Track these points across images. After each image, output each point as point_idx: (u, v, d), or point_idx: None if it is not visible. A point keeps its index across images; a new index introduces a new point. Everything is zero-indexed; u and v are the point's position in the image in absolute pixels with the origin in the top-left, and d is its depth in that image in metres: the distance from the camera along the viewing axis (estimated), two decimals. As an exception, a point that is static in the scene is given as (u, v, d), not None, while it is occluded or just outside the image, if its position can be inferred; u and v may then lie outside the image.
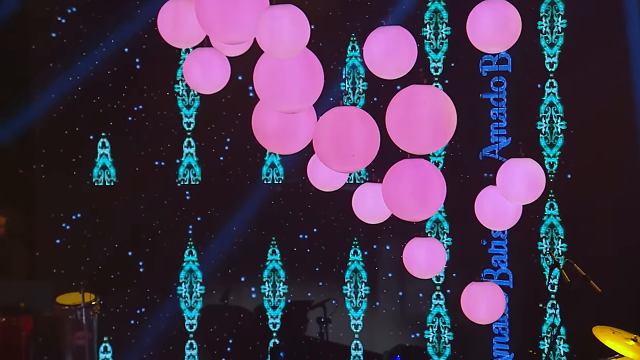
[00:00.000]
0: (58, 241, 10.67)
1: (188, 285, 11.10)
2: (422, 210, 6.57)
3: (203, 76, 6.95)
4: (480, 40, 6.03)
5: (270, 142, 6.92)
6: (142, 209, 10.93)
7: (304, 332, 11.14)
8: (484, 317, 7.65)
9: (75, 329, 9.24)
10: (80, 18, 10.79)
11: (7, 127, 10.37)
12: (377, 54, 6.02)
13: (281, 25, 5.52)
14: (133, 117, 10.92)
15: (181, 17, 6.45)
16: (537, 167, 6.85)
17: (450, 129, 5.96)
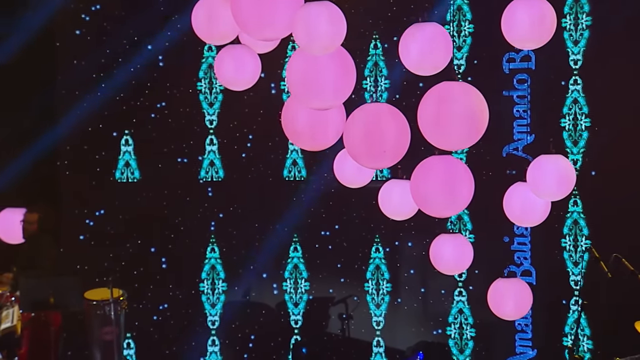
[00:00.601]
0: (82, 237, 10.78)
1: (210, 282, 11.15)
2: (450, 207, 6.58)
3: (235, 72, 6.91)
4: (515, 37, 6.04)
5: (300, 138, 6.88)
6: (164, 206, 11.00)
7: (325, 328, 11.17)
8: (511, 313, 7.58)
9: (103, 324, 9.31)
10: (104, 16, 10.87)
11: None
12: (413, 51, 6.01)
13: (318, 22, 5.55)
14: (156, 114, 10.99)
15: (215, 14, 6.45)
16: (567, 164, 6.86)
17: (483, 125, 5.99)
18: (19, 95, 10.47)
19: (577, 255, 9.87)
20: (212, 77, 11.06)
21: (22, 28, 10.41)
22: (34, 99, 10.70)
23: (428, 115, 5.99)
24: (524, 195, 7.09)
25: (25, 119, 10.53)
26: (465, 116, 5.89)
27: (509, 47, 10.00)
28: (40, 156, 10.67)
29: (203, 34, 6.58)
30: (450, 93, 5.92)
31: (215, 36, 6.56)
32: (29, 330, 8.51)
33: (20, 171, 10.19)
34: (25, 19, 10.41)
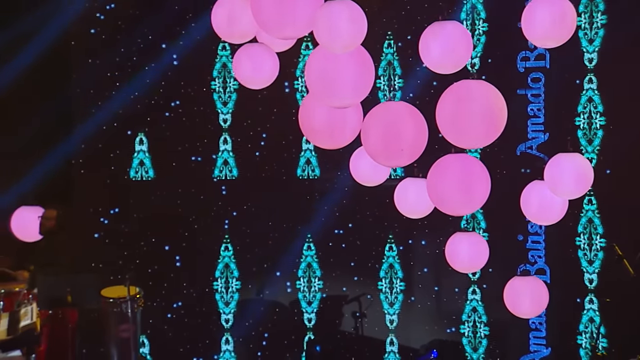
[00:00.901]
0: (96, 235, 10.81)
1: (224, 280, 11.17)
2: (467, 205, 6.59)
3: (253, 71, 6.94)
4: (535, 35, 6.05)
5: (317, 136, 6.88)
6: (178, 204, 11.05)
7: (339, 326, 11.21)
8: (527, 311, 7.60)
9: (120, 322, 9.32)
10: (119, 15, 10.91)
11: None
12: (434, 49, 6.02)
13: (339, 21, 5.56)
14: (170, 113, 11.03)
15: (236, 13, 6.45)
16: (585, 162, 6.88)
17: (502, 123, 6.02)
18: (35, 94, 10.49)
19: (592, 253, 9.89)
20: (225, 76, 11.08)
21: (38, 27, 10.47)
22: (49, 97, 10.73)
23: (447, 113, 6.01)
24: (541, 193, 7.12)
25: (40, 118, 10.53)
26: (484, 114, 5.93)
27: (523, 46, 10.13)
28: (55, 155, 10.71)
29: (222, 32, 6.60)
30: (469, 91, 5.95)
31: (235, 35, 6.58)
32: (47, 328, 8.54)
33: (36, 170, 10.21)
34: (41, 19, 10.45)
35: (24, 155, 10.22)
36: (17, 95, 10.31)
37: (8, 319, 7.72)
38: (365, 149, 6.56)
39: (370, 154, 6.65)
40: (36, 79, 10.41)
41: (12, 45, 10.23)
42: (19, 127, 10.24)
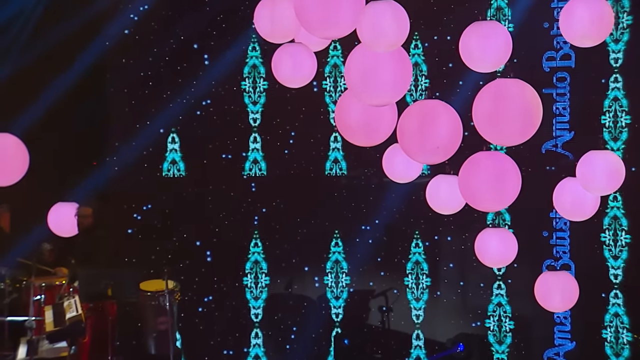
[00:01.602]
0: (130, 231, 10.90)
1: (254, 276, 11.24)
2: (499, 201, 6.62)
3: (293, 70, 6.95)
4: (574, 34, 6.06)
5: (354, 134, 6.88)
6: (209, 200, 11.15)
7: (366, 320, 11.24)
8: (558, 305, 7.67)
9: (158, 314, 9.40)
10: (152, 16, 10.98)
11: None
12: (475, 48, 6.06)
13: (383, 21, 5.62)
14: (201, 112, 11.10)
15: (278, 14, 6.49)
16: (617, 159, 6.89)
17: (537, 121, 6.04)
18: (72, 93, 10.55)
19: (617, 249, 9.90)
20: (255, 76, 11.14)
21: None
22: (85, 96, 10.80)
23: (484, 111, 6.05)
24: (574, 190, 7.15)
25: (76, 117, 10.63)
26: (521, 112, 5.95)
27: (548, 46, 10.16)
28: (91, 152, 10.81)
29: (265, 32, 6.63)
30: (507, 90, 5.99)
31: (277, 35, 6.61)
32: (90, 320, 8.62)
33: (72, 167, 10.28)
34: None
35: (62, 153, 10.29)
36: (52, 92, 10.37)
37: (52, 311, 7.78)
38: (401, 147, 6.59)
39: (407, 151, 6.68)
40: (73, 79, 10.48)
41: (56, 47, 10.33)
42: (58, 126, 10.31)
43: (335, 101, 11.10)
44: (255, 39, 11.12)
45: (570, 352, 10.22)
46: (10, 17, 10.47)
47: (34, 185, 8.19)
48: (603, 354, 9.98)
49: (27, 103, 10.03)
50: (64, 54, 10.29)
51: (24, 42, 10.42)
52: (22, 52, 10.40)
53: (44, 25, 10.39)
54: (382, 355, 11.08)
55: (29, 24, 10.47)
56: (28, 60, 10.22)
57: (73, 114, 10.62)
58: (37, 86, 10.20)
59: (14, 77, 10.15)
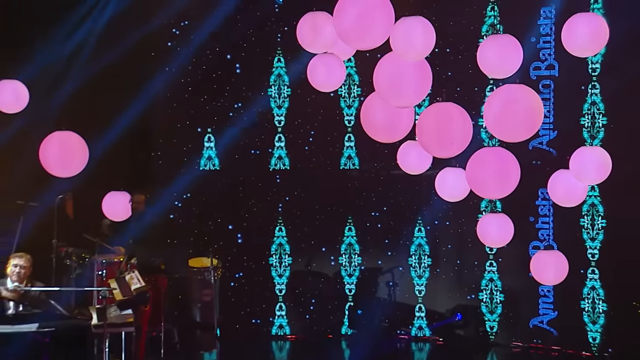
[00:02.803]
0: (172, 216, 10.90)
1: (278, 256, 11.30)
2: (502, 190, 6.75)
3: (327, 77, 6.98)
4: (575, 46, 6.16)
5: (378, 132, 6.97)
6: (240, 190, 11.18)
7: (375, 293, 11.29)
8: (552, 279, 7.68)
9: (203, 287, 9.44)
10: (191, 29, 11.01)
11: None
12: (491, 57, 6.12)
13: (414, 34, 5.74)
14: (233, 113, 11.13)
15: (319, 26, 6.56)
16: (605, 154, 7.02)
17: (540, 120, 6.17)
18: (123, 97, 10.58)
19: (594, 232, 10.00)
20: (280, 84, 11.20)
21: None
22: (133, 99, 10.77)
23: (494, 111, 6.18)
24: (566, 180, 7.24)
25: (127, 117, 10.63)
26: (527, 113, 6.08)
27: (535, 57, 10.26)
28: (139, 148, 10.87)
29: (306, 43, 6.71)
30: (515, 94, 6.12)
31: (317, 45, 6.69)
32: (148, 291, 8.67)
33: (123, 161, 10.29)
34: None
35: (114, 149, 10.29)
36: (105, 95, 10.41)
37: (117, 283, 7.83)
38: (420, 143, 6.68)
39: (424, 147, 6.79)
40: (122, 82, 10.49)
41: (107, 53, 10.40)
42: (112, 125, 10.32)
43: (349, 105, 11.18)
44: (280, 52, 11.18)
45: (553, 320, 10.32)
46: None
47: (92, 176, 8.30)
48: (581, 321, 10.06)
49: (90, 107, 10.06)
50: (119, 64, 10.27)
51: (89, 56, 10.44)
52: (86, 64, 10.41)
53: (105, 42, 10.43)
54: (389, 323, 11.13)
55: (90, 40, 10.49)
56: (92, 71, 10.26)
57: (124, 115, 10.61)
58: (98, 92, 10.23)
59: (81, 87, 10.20)
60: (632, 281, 9.55)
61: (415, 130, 6.52)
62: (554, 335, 10.34)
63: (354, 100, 11.16)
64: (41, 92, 9.34)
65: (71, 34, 10.32)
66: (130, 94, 10.71)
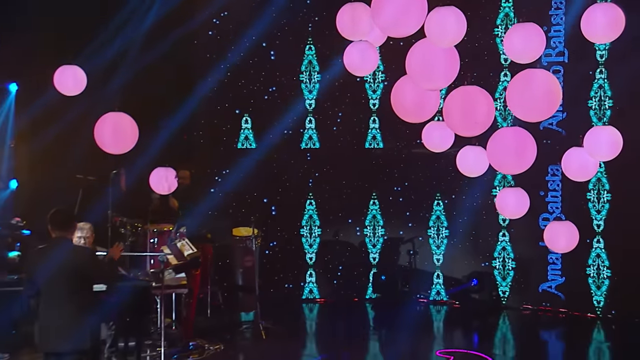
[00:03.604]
0: (212, 190, 10.89)
1: (308, 228, 11.43)
2: (520, 166, 6.82)
3: (361, 62, 6.97)
4: (594, 34, 6.20)
5: (407, 113, 6.98)
6: (274, 167, 11.26)
7: (397, 261, 11.40)
8: (563, 247, 7.63)
9: (244, 254, 9.52)
10: (230, 20, 11.10)
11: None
12: (517, 44, 6.17)
13: (448, 22, 5.81)
14: (268, 97, 11.23)
15: (357, 17, 6.56)
16: (616, 132, 7.00)
17: (558, 102, 6.21)
18: (170, 82, 10.64)
19: (600, 205, 10.09)
20: (311, 70, 11.28)
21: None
22: (179, 83, 10.89)
23: (516, 93, 6.24)
24: (579, 157, 7.23)
25: (171, 100, 10.76)
26: (546, 95, 6.13)
27: (546, 45, 10.24)
28: (184, 128, 10.95)
29: (345, 31, 6.69)
30: (535, 77, 6.17)
31: (356, 33, 6.68)
32: (198, 258, 8.78)
33: (170, 141, 10.37)
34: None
35: (159, 128, 10.24)
36: (153, 80, 10.36)
37: (170, 250, 7.95)
38: (447, 123, 6.71)
39: (451, 127, 6.84)
40: (168, 68, 10.52)
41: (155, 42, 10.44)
42: (157, 107, 10.37)
43: (374, 90, 11.27)
44: (311, 40, 11.26)
45: (561, 285, 10.43)
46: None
47: (141, 153, 8.37)
48: (587, 286, 10.18)
49: (142, 92, 10.10)
50: (166, 52, 10.31)
51: (141, 46, 10.48)
52: (138, 53, 10.46)
53: (155, 34, 10.43)
54: (409, 288, 11.26)
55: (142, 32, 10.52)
56: (143, 58, 10.30)
57: (171, 98, 10.73)
58: (148, 77, 10.22)
59: (135, 75, 10.25)
60: (634, 249, 9.66)
61: (442, 111, 6.61)
62: (562, 299, 10.43)
63: (378, 85, 11.24)
64: (99, 77, 9.43)
65: (126, 27, 10.39)
66: (176, 79, 10.79)
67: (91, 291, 5.85)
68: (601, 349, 9.37)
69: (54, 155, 9.69)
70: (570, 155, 7.38)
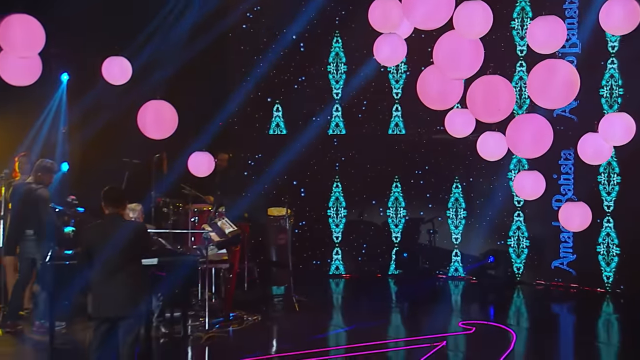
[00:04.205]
0: (245, 173, 11.20)
1: (335, 209, 11.57)
2: (536, 150, 6.94)
3: (391, 53, 7.11)
4: (611, 25, 6.30)
5: (432, 100, 7.11)
6: (303, 152, 11.25)
7: (417, 240, 11.50)
8: (577, 226, 7.85)
9: (278, 232, 9.66)
10: (262, 14, 11.24)
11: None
12: (539, 35, 6.29)
13: (476, 16, 5.93)
14: (298, 86, 11.35)
15: (388, 11, 6.72)
16: (630, 119, 7.13)
17: (576, 90, 6.31)
18: (205, 71, 10.79)
19: (610, 187, 10.17)
20: (338, 62, 11.38)
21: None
22: (214, 73, 11.03)
23: (537, 82, 6.35)
24: (594, 141, 7.36)
25: (209, 89, 10.92)
26: (566, 83, 6.24)
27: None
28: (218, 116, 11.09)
29: (377, 24, 6.86)
30: (556, 67, 6.29)
31: (387, 26, 6.85)
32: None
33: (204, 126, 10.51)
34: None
35: (198, 115, 10.44)
36: (192, 71, 10.58)
37: (212, 228, 8.14)
38: (471, 110, 6.85)
39: (474, 113, 6.98)
40: (205, 60, 10.66)
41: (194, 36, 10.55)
42: (194, 95, 10.48)
43: (396, 80, 11.35)
44: (338, 33, 11.36)
45: (572, 262, 10.53)
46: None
47: (181, 138, 8.50)
48: (597, 263, 10.29)
49: (182, 82, 10.25)
50: (204, 45, 10.43)
51: (182, 40, 10.63)
52: (180, 47, 10.60)
53: (195, 30, 10.59)
54: (429, 265, 11.38)
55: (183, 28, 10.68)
56: (186, 53, 10.44)
57: (207, 87, 10.87)
58: (188, 70, 10.43)
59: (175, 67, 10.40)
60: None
61: (466, 99, 6.72)
62: (573, 275, 10.53)
63: (400, 75, 11.33)
64: (144, 68, 9.56)
65: (168, 23, 10.54)
66: (213, 69, 10.95)
67: (141, 263, 5.95)
68: (610, 321, 9.46)
69: (103, 140, 9.83)
70: (586, 140, 7.52)
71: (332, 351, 7.56)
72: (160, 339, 7.64)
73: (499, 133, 7.85)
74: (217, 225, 8.13)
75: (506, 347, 7.66)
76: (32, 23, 6.61)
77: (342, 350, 7.70)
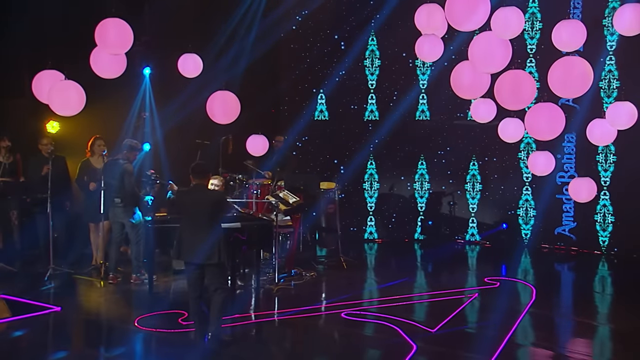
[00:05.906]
0: (294, 153, 11.27)
1: (369, 183, 11.75)
2: (551, 134, 7.12)
3: (431, 49, 7.37)
4: (623, 27, 6.49)
5: (464, 90, 7.29)
6: (342, 135, 11.58)
7: (439, 210, 11.70)
8: (585, 197, 8.05)
9: (328, 203, 9.86)
10: (310, 17, 11.40)
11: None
12: (564, 36, 6.52)
13: (512, 19, 6.15)
14: (339, 78, 11.50)
15: (432, 13, 6.96)
16: (632, 106, 7.32)
17: (590, 82, 6.52)
18: (260, 67, 10.96)
19: (607, 164, 10.35)
20: (373, 58, 11.53)
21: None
22: (268, 69, 11.26)
23: (557, 75, 6.55)
24: (601, 127, 7.59)
25: (263, 82, 11.12)
26: (582, 77, 6.46)
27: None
28: (272, 105, 11.32)
29: (422, 26, 7.08)
30: (573, 63, 6.50)
31: (430, 27, 7.06)
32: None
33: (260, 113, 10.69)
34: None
35: (256, 104, 10.50)
36: (252, 66, 10.79)
37: (276, 199, 8.41)
38: (498, 99, 7.06)
39: (501, 101, 7.18)
40: (262, 58, 10.85)
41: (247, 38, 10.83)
42: (254, 87, 10.68)
43: (423, 73, 11.52)
44: (373, 33, 11.54)
45: (573, 229, 10.74)
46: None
47: (242, 123, 8.75)
48: (594, 229, 10.51)
49: (244, 75, 10.48)
50: (262, 46, 10.76)
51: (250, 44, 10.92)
52: (244, 45, 10.86)
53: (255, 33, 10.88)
54: (449, 231, 11.60)
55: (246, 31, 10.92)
56: (247, 50, 10.73)
57: (263, 80, 11.12)
58: (249, 65, 10.71)
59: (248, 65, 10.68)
60: (634, 200, 9.99)
61: (494, 89, 6.92)
62: (573, 240, 10.74)
63: (427, 69, 11.50)
64: (213, 63, 9.80)
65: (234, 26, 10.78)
66: (266, 65, 11.17)
67: (219, 222, 6.23)
68: (605, 277, 9.64)
69: (179, 124, 10.10)
70: (594, 125, 7.75)
71: (389, 300, 7.69)
72: (237, 290, 7.97)
73: (517, 119, 8.08)
74: (279, 197, 8.38)
75: (529, 297, 7.91)
76: (123, 26, 6.93)
77: (399, 299, 7.76)
